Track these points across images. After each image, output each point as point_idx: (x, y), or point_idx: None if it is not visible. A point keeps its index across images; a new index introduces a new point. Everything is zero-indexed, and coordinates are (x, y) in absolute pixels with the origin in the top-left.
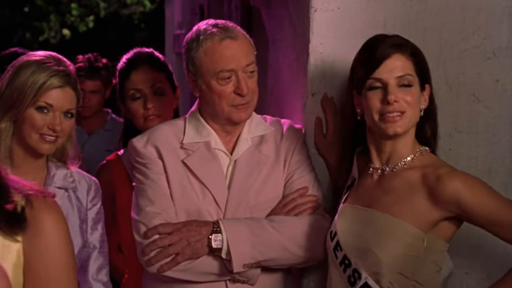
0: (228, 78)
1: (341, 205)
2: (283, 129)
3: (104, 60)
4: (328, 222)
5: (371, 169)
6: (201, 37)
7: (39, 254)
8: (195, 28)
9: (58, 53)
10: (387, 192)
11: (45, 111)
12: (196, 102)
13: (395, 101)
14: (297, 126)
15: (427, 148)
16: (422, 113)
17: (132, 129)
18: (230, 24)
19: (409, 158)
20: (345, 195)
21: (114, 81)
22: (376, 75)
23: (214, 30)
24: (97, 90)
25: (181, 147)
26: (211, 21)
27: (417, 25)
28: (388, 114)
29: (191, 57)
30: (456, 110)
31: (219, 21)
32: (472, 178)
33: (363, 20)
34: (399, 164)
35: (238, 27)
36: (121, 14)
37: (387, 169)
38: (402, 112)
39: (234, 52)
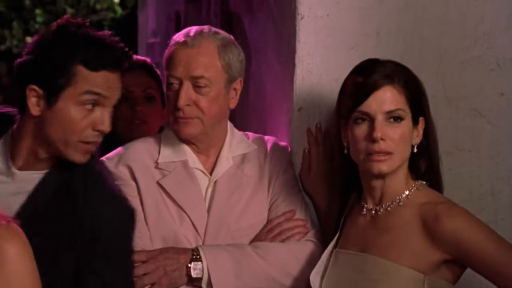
0: (172, 84)
1: (330, 249)
2: (267, 147)
3: None
4: (319, 249)
5: (364, 209)
6: (169, 43)
7: (3, 284)
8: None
9: None
10: (382, 233)
11: None
12: None
13: (382, 139)
14: (283, 143)
15: (423, 182)
16: (415, 149)
17: (112, 141)
18: (206, 30)
19: (403, 195)
20: (336, 237)
21: None
22: (363, 108)
23: (184, 36)
24: None
25: (156, 167)
26: (205, 27)
27: (414, 34)
28: (373, 154)
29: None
30: (456, 127)
31: (209, 29)
32: (472, 217)
33: (355, 28)
34: (393, 203)
35: (218, 40)
36: (90, 21)
37: (381, 209)
38: (389, 153)
39: (184, 59)
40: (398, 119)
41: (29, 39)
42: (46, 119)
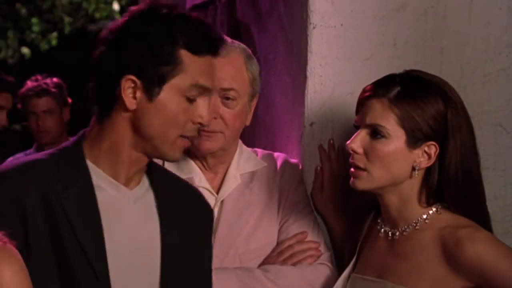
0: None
1: (347, 275)
2: (277, 164)
3: (55, 79)
4: (332, 273)
5: (382, 230)
6: None
7: None
8: None
9: (17, 74)
10: (400, 259)
11: None
12: None
13: (354, 152)
14: (293, 161)
15: (444, 204)
16: (416, 172)
17: None
18: (239, 44)
19: (421, 219)
20: (352, 262)
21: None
22: (356, 120)
23: None
24: (50, 110)
25: None
26: (228, 39)
27: (434, 44)
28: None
29: None
30: (479, 143)
31: (233, 41)
32: (497, 242)
33: (370, 38)
34: (409, 226)
35: (244, 52)
36: (88, 30)
37: (397, 232)
38: (361, 168)
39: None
40: (377, 135)
41: (25, 50)
42: (143, 114)
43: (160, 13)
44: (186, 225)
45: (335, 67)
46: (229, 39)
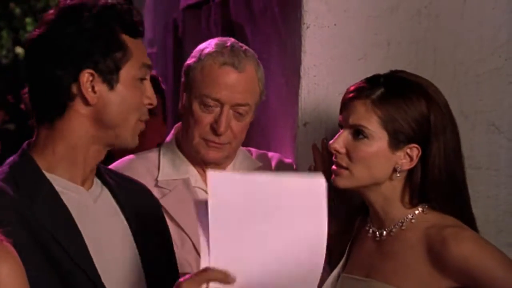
0: (211, 107)
1: (336, 274)
2: (272, 164)
3: None
4: (326, 273)
5: (370, 231)
6: (207, 50)
7: None
8: (218, 38)
9: (11, 75)
10: (386, 258)
11: None
12: (172, 131)
13: (337, 151)
14: (287, 160)
15: (430, 204)
16: (398, 174)
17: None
18: (250, 52)
19: (407, 219)
20: (342, 262)
21: None
22: (339, 119)
23: (224, 50)
24: None
25: (156, 185)
26: (233, 40)
27: (427, 44)
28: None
29: (190, 66)
30: (472, 143)
31: (241, 44)
32: (483, 241)
33: (364, 38)
34: (396, 226)
35: (255, 61)
36: None
37: (384, 232)
38: (343, 167)
39: (230, 83)
40: (359, 135)
41: (19, 49)
42: (106, 104)
43: (91, 7)
44: (145, 214)
45: (329, 67)
46: (240, 45)
